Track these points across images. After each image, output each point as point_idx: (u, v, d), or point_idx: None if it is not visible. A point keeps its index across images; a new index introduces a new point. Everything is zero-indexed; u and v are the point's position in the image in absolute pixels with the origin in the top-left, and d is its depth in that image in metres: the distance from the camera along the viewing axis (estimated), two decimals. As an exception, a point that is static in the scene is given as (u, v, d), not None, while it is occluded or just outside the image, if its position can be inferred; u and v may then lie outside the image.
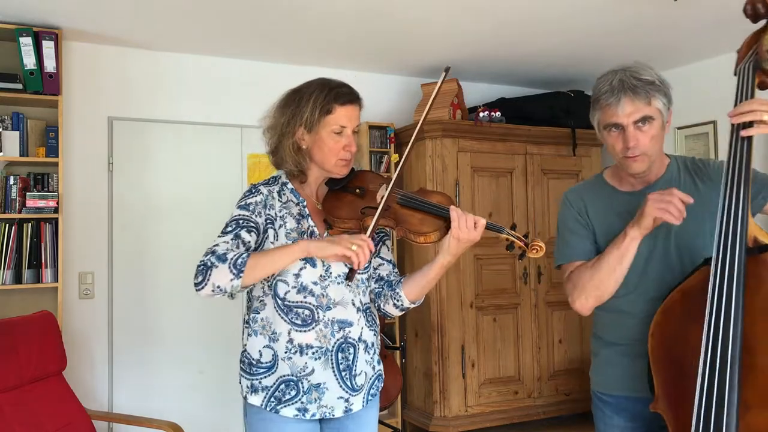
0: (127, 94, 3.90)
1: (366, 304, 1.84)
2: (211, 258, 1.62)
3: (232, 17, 3.42)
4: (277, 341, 1.74)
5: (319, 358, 1.73)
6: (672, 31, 3.78)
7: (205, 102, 4.09)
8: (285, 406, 1.74)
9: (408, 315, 4.47)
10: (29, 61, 3.32)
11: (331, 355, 1.74)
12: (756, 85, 1.57)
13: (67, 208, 3.64)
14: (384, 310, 1.86)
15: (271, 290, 1.75)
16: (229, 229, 1.72)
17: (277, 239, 1.76)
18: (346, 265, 1.73)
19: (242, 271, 1.59)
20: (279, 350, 1.74)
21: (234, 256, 1.61)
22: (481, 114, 4.36)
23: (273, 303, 1.75)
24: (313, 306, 1.74)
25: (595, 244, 1.79)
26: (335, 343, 1.75)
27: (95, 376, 3.75)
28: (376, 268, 1.88)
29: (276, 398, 1.74)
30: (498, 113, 4.40)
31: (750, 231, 1.43)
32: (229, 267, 1.59)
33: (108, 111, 3.85)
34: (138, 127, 3.94)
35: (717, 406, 1.36)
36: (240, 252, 1.63)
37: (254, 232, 1.73)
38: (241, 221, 1.73)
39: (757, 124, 1.47)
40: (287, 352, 1.73)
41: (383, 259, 1.89)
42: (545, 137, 4.55)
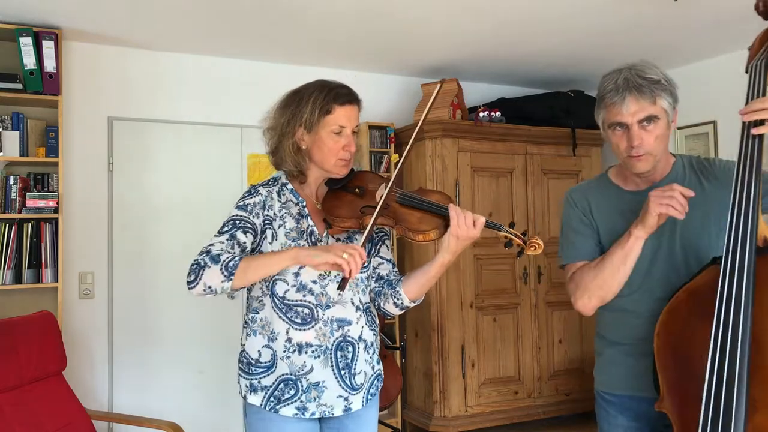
0: (127, 94, 3.90)
1: (366, 303, 1.85)
2: (205, 258, 1.64)
3: (232, 17, 3.42)
4: (276, 341, 1.75)
5: (318, 357, 1.74)
6: (672, 31, 3.78)
7: (205, 102, 4.09)
8: (284, 406, 1.74)
9: (408, 315, 4.47)
10: (29, 61, 3.32)
11: (330, 353, 1.75)
12: None
13: (67, 208, 3.64)
14: (384, 309, 1.86)
15: (269, 290, 1.76)
16: (225, 229, 1.73)
17: (276, 239, 1.77)
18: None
19: (233, 274, 1.61)
20: (278, 350, 1.75)
21: (227, 258, 1.62)
22: (481, 114, 4.36)
23: (271, 302, 1.76)
24: (313, 304, 1.75)
25: (599, 244, 1.78)
26: (334, 341, 1.75)
27: (95, 376, 3.75)
28: (376, 267, 1.88)
29: (275, 398, 1.75)
30: (498, 113, 4.40)
31: (760, 230, 1.42)
32: (221, 268, 1.61)
33: (108, 111, 3.86)
34: (138, 127, 3.94)
35: (725, 407, 1.35)
36: (233, 255, 1.64)
37: (250, 232, 1.75)
38: (237, 221, 1.75)
39: None
40: (286, 351, 1.74)
41: (383, 258, 1.90)
42: (545, 137, 4.55)
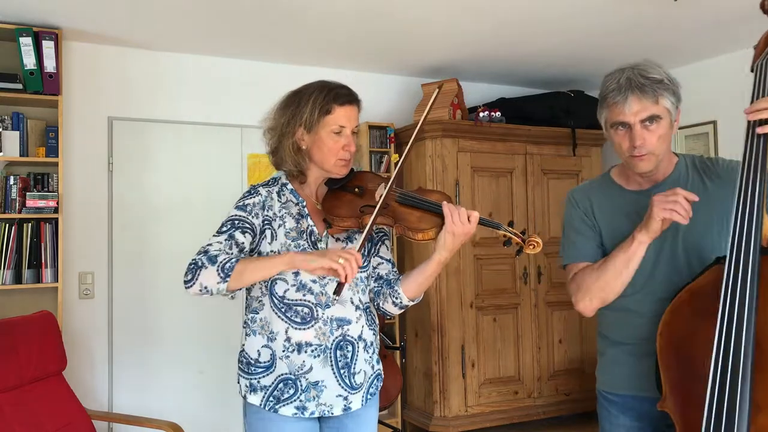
0: (127, 94, 3.90)
1: (365, 303, 1.85)
2: (202, 258, 1.65)
3: (232, 17, 3.42)
4: (275, 340, 1.75)
5: (318, 356, 1.74)
6: (672, 31, 3.78)
7: (205, 102, 4.09)
8: (284, 405, 1.75)
9: (408, 315, 4.47)
10: (29, 61, 3.32)
11: (330, 352, 1.75)
12: None
13: (67, 208, 3.64)
14: (383, 308, 1.86)
15: (268, 290, 1.77)
16: (224, 229, 1.74)
17: (276, 239, 1.77)
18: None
19: (229, 276, 1.61)
20: (277, 349, 1.75)
21: (224, 259, 1.63)
22: (481, 114, 4.36)
23: (269, 302, 1.77)
24: (313, 304, 1.75)
25: (602, 245, 1.78)
26: (334, 340, 1.76)
27: (95, 376, 3.75)
28: (376, 267, 1.89)
29: (275, 397, 1.75)
30: (498, 113, 4.40)
31: (765, 230, 1.41)
32: (218, 270, 1.62)
33: (108, 111, 3.86)
34: (138, 127, 3.94)
35: (729, 407, 1.35)
36: (230, 256, 1.65)
37: (249, 233, 1.75)
38: (236, 222, 1.75)
39: None
40: (285, 351, 1.74)
41: (382, 258, 1.90)
42: (545, 137, 4.55)
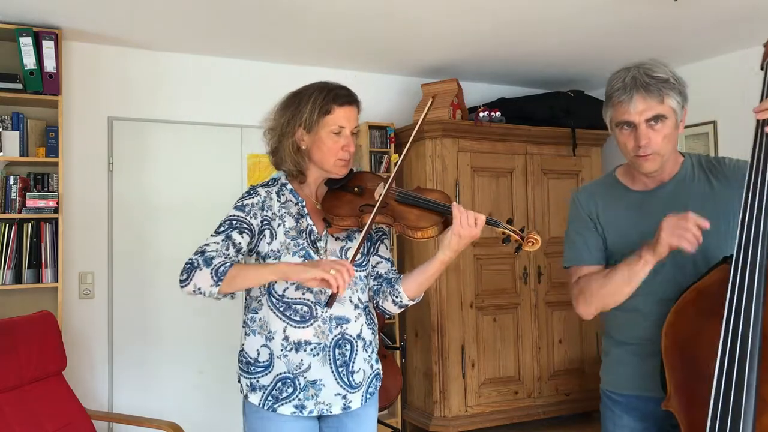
0: (127, 94, 3.90)
1: (365, 302, 1.85)
2: (199, 259, 1.66)
3: (232, 17, 3.42)
4: (273, 340, 1.76)
5: (317, 355, 1.75)
6: (672, 31, 3.78)
7: (205, 102, 4.10)
8: (282, 404, 1.76)
9: (408, 315, 4.47)
10: (29, 61, 3.33)
11: (328, 351, 1.76)
12: None
13: (67, 208, 3.64)
14: (383, 307, 1.86)
15: (266, 290, 1.77)
16: (221, 229, 1.75)
17: (276, 238, 1.78)
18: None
19: (221, 280, 1.63)
20: (275, 349, 1.76)
21: (219, 263, 1.64)
22: (481, 114, 4.36)
23: (267, 302, 1.77)
24: (312, 302, 1.76)
25: (604, 247, 1.77)
26: (333, 339, 1.76)
27: (95, 376, 3.75)
28: (375, 266, 1.89)
29: (273, 396, 1.76)
30: (498, 113, 4.40)
31: None
32: (212, 273, 1.63)
33: (108, 111, 3.86)
34: (138, 127, 3.94)
35: (734, 406, 1.35)
36: (225, 260, 1.65)
37: (247, 233, 1.76)
38: (234, 222, 1.76)
39: None
40: (283, 350, 1.75)
41: (382, 257, 1.91)
42: (545, 137, 4.55)
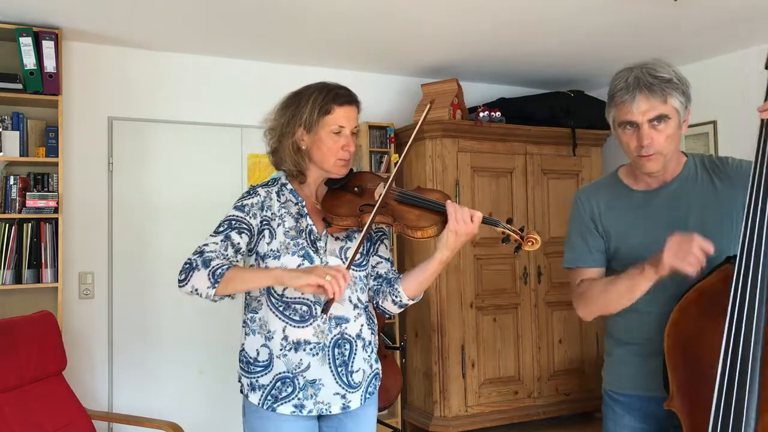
0: (127, 94, 3.90)
1: (364, 302, 1.85)
2: (197, 259, 1.67)
3: (232, 17, 3.42)
4: (272, 339, 1.76)
5: (316, 354, 1.75)
6: (672, 31, 3.78)
7: (205, 102, 4.09)
8: (282, 404, 1.76)
9: (408, 315, 4.47)
10: (29, 61, 3.33)
11: (328, 350, 1.76)
12: None
13: (67, 208, 3.64)
14: (382, 307, 1.86)
15: (266, 289, 1.77)
16: (221, 229, 1.76)
17: (275, 237, 1.78)
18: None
19: (218, 282, 1.63)
20: (274, 348, 1.76)
21: (216, 265, 1.65)
22: (481, 114, 4.36)
23: (266, 301, 1.78)
24: (311, 302, 1.76)
25: (605, 248, 1.77)
26: (332, 338, 1.77)
27: (95, 376, 3.75)
28: (375, 266, 1.90)
29: (272, 396, 1.76)
30: (498, 113, 4.40)
31: None
32: (209, 274, 1.64)
33: (108, 111, 3.85)
34: (138, 127, 3.94)
35: (736, 406, 1.35)
36: (222, 262, 1.66)
37: (246, 233, 1.77)
38: (233, 222, 1.77)
39: None
40: (282, 350, 1.75)
41: (381, 257, 1.91)
42: (545, 137, 4.55)
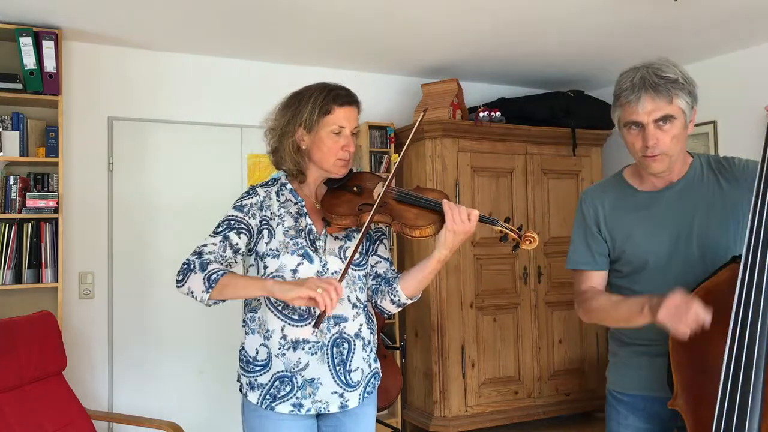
0: (127, 94, 3.90)
1: (363, 301, 1.86)
2: (196, 261, 1.67)
3: (232, 17, 3.43)
4: (271, 338, 1.77)
5: (315, 353, 1.76)
6: (672, 31, 3.78)
7: (205, 102, 4.10)
8: (280, 403, 1.76)
9: (408, 315, 4.47)
10: (29, 61, 3.33)
11: (326, 349, 1.76)
12: None
13: (67, 208, 3.64)
14: (381, 306, 1.87)
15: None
16: (219, 230, 1.76)
17: (275, 237, 1.79)
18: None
19: (212, 287, 1.64)
20: (272, 347, 1.77)
21: (213, 269, 1.65)
22: (481, 114, 4.36)
23: (265, 300, 1.79)
24: None
25: (609, 251, 1.78)
26: (331, 337, 1.77)
27: (95, 376, 3.75)
28: (374, 265, 1.90)
29: (271, 395, 1.77)
30: (498, 113, 4.40)
31: None
32: (204, 279, 1.64)
33: (108, 111, 3.86)
34: (138, 127, 3.94)
35: (740, 404, 1.35)
36: (218, 268, 1.66)
37: (244, 233, 1.77)
38: (232, 222, 1.77)
39: None
40: (280, 349, 1.76)
41: (380, 257, 1.91)
42: (545, 137, 4.55)
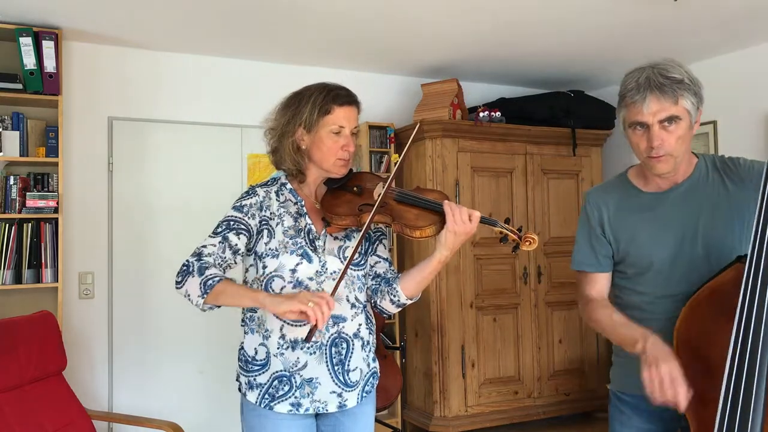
0: (127, 94, 3.90)
1: (363, 301, 1.86)
2: (195, 263, 1.68)
3: (232, 17, 3.43)
4: (270, 338, 1.77)
5: (314, 353, 1.76)
6: (672, 31, 3.78)
7: (205, 102, 4.10)
8: (279, 402, 1.77)
9: (408, 315, 4.47)
10: (29, 61, 3.33)
11: (325, 349, 1.77)
12: None
13: (67, 208, 3.64)
14: (380, 306, 1.87)
15: (263, 288, 1.78)
16: (219, 230, 1.77)
17: (274, 237, 1.79)
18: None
19: (207, 293, 1.64)
20: (271, 347, 1.77)
21: (210, 275, 1.65)
22: (481, 114, 4.36)
23: None
24: None
25: (613, 252, 1.78)
26: (329, 337, 1.77)
27: (95, 376, 3.75)
28: (373, 265, 1.90)
29: (270, 395, 1.77)
30: (498, 113, 4.40)
31: None
32: (201, 283, 1.65)
33: (108, 111, 3.86)
34: (138, 127, 3.94)
35: (743, 406, 1.34)
36: (215, 273, 1.67)
37: (244, 234, 1.77)
38: (231, 223, 1.77)
39: None
40: (279, 348, 1.76)
41: (380, 257, 1.91)
42: (545, 137, 4.55)
